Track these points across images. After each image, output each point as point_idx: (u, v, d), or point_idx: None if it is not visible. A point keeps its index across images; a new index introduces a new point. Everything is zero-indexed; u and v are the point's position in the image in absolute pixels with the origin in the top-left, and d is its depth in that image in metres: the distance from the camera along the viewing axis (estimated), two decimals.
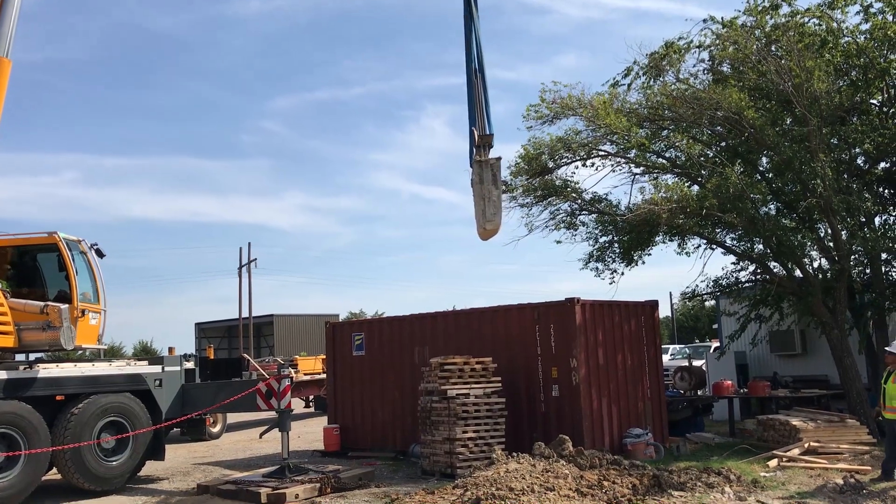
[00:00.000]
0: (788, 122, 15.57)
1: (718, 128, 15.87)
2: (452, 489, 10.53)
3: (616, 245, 18.11)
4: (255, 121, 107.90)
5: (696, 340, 49.03)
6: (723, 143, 16.22)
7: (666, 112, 15.99)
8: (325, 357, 33.47)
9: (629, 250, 18.06)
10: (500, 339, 14.50)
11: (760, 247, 16.03)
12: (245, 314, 51.28)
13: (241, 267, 52.41)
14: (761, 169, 16.41)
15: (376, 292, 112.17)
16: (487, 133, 10.56)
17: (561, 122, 15.83)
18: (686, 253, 18.46)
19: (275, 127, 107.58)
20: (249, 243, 59.05)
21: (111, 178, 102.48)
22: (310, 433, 22.03)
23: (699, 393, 19.16)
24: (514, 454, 11.73)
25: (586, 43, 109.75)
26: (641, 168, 15.90)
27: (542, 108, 15.31)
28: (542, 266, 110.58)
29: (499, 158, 10.45)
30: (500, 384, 13.43)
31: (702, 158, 14.97)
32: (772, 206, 15.34)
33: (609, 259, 18.45)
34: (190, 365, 14.69)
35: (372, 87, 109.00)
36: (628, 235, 17.41)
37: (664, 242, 18.37)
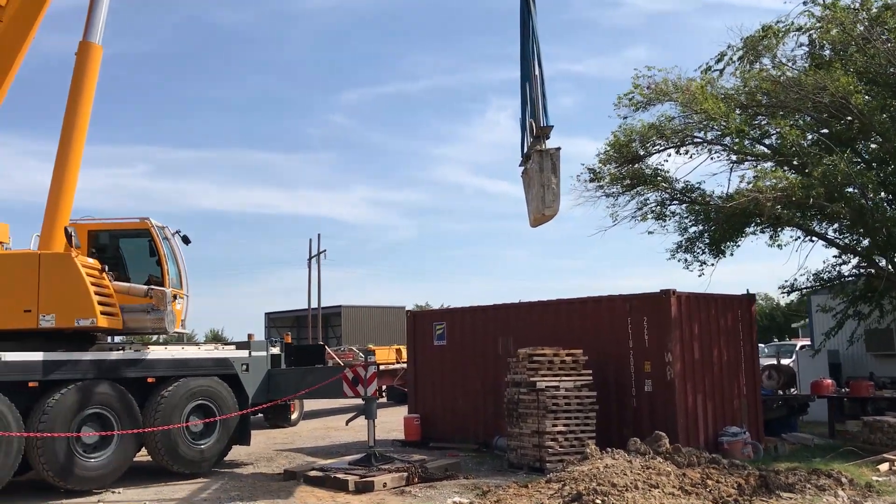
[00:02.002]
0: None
1: (822, 114, 15.09)
2: (547, 483, 10.23)
3: (706, 236, 17.50)
4: (321, 114, 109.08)
5: (775, 339, 47.48)
6: (824, 130, 15.42)
7: (763, 98, 15.31)
8: (398, 347, 33.54)
9: (718, 242, 17.43)
10: (589, 332, 14.07)
11: (866, 240, 15.21)
12: (314, 304, 51.67)
13: (310, 258, 52.83)
14: (866, 157, 15.58)
15: (438, 285, 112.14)
16: (547, 125, 10.67)
17: (653, 108, 15.30)
18: (778, 245, 17.73)
19: (340, 120, 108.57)
20: (319, 235, 59.51)
21: (181, 170, 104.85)
22: (386, 423, 21.91)
23: (790, 392, 18.39)
24: (609, 450, 11.34)
25: (657, 36, 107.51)
26: (738, 156, 15.20)
27: (635, 94, 14.78)
28: (604, 261, 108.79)
29: (558, 148, 10.55)
30: (590, 377, 13.03)
31: (802, 145, 14.19)
32: (880, 197, 14.51)
33: (698, 251, 17.86)
34: (276, 350, 14.68)
35: (437, 80, 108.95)
36: (718, 226, 16.78)
37: (755, 234, 17.69)
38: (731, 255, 18.06)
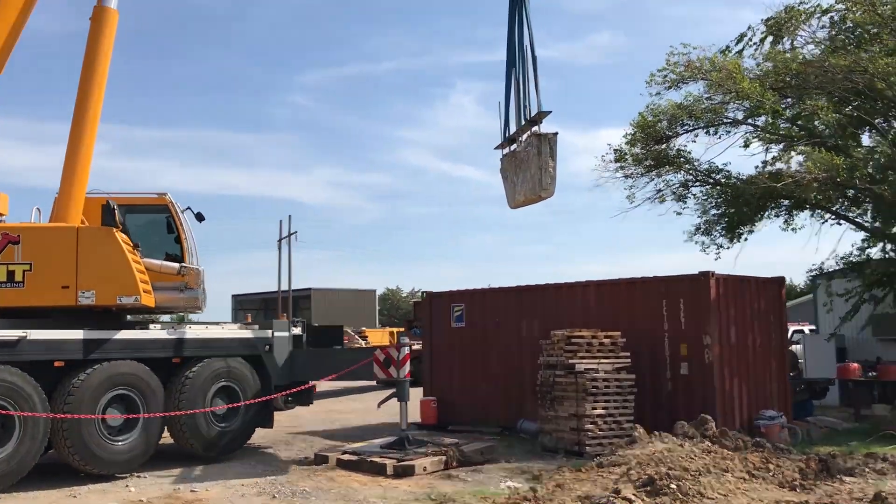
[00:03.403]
0: None
1: (849, 96, 14.96)
2: (603, 468, 9.94)
3: (724, 219, 17.37)
4: (285, 95, 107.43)
5: None
6: (854, 113, 15.30)
7: (792, 80, 15.14)
8: (392, 330, 33.11)
9: (736, 225, 17.33)
10: (622, 314, 13.80)
11: (890, 224, 15.16)
12: (284, 287, 50.92)
13: (280, 240, 51.92)
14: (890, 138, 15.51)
15: (404, 269, 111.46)
16: (544, 111, 10.82)
17: (684, 88, 15.04)
18: (793, 229, 17.70)
19: (304, 101, 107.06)
20: (290, 216, 58.71)
21: (141, 149, 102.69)
22: (391, 405, 21.57)
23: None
24: (657, 433, 11.13)
25: (621, 22, 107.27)
26: (772, 136, 15.02)
27: (668, 72, 14.49)
28: (570, 247, 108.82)
29: (556, 133, 10.72)
30: (629, 360, 12.80)
31: (842, 126, 14.05)
32: None
33: (716, 233, 17.74)
34: (297, 331, 14.20)
35: (402, 62, 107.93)
36: (738, 209, 16.67)
37: (769, 218, 17.63)
38: (746, 239, 18.02)
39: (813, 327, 22.61)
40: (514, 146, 11.76)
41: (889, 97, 13.78)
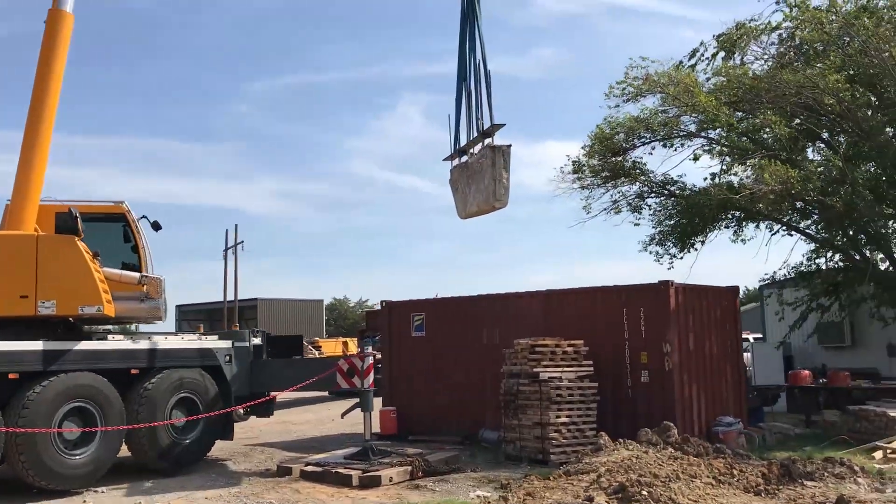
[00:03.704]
0: (875, 104, 15.15)
1: (800, 110, 15.41)
2: (571, 476, 10.00)
3: (678, 229, 17.74)
4: (230, 104, 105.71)
5: None
6: (802, 127, 15.76)
7: (744, 94, 15.54)
8: (345, 340, 32.85)
9: (688, 235, 17.71)
10: (583, 323, 13.93)
11: (837, 234, 15.65)
12: (231, 297, 50.00)
13: (226, 249, 50.90)
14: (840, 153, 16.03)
15: (351, 279, 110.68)
16: (498, 123, 11.12)
17: (642, 101, 15.34)
18: (742, 240, 18.17)
19: (250, 110, 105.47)
20: (236, 225, 57.44)
21: (81, 158, 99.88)
22: (337, 416, 21.38)
23: None
24: (622, 440, 11.26)
25: (564, 37, 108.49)
26: (727, 149, 15.40)
27: (627, 85, 14.75)
28: (516, 257, 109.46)
29: (510, 145, 10.96)
30: (591, 368, 12.94)
31: (793, 140, 14.48)
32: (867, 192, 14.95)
33: (669, 244, 18.10)
34: (258, 341, 14.00)
35: (349, 73, 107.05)
36: (690, 220, 17.04)
37: (719, 229, 18.06)
38: (697, 249, 18.42)
39: (758, 335, 23.16)
40: (464, 158, 12.00)
41: (838, 112, 14.24)
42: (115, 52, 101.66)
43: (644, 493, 8.49)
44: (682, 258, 18.23)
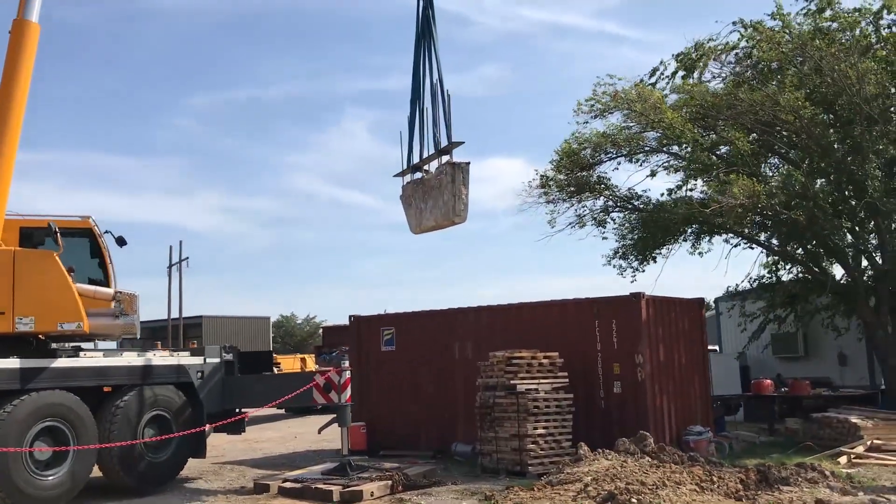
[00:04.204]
0: (831, 121, 15.73)
1: (759, 127, 15.91)
2: (555, 486, 10.10)
3: (640, 243, 18.10)
4: (170, 117, 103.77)
5: None
6: (758, 142, 16.27)
7: (706, 111, 16.00)
8: (303, 357, 32.53)
9: (646, 249, 18.10)
10: (554, 335, 14.09)
11: (796, 247, 16.17)
12: (175, 315, 49.10)
13: (170, 266, 50.02)
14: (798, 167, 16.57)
15: (296, 295, 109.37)
16: (457, 141, 11.46)
17: (610, 117, 15.67)
18: (699, 253, 18.62)
19: (189, 125, 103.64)
20: (181, 242, 55.79)
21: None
22: (304, 433, 21.19)
23: None
24: (600, 450, 11.44)
25: (508, 55, 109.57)
26: (691, 164, 15.81)
27: (595, 102, 15.07)
28: (459, 272, 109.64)
29: (468, 162, 11.34)
30: (566, 379, 13.09)
31: (755, 155, 14.96)
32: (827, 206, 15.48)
33: (632, 258, 18.45)
34: (229, 357, 13.82)
35: (291, 87, 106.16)
36: (649, 233, 17.44)
37: (677, 242, 18.50)
38: (656, 261, 18.82)
39: (713, 347, 23.71)
40: (416, 174, 12.34)
41: (797, 128, 14.75)
42: (44, 64, 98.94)
43: (633, 500, 8.65)
44: (643, 271, 18.63)
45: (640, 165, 16.46)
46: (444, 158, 11.60)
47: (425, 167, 12.12)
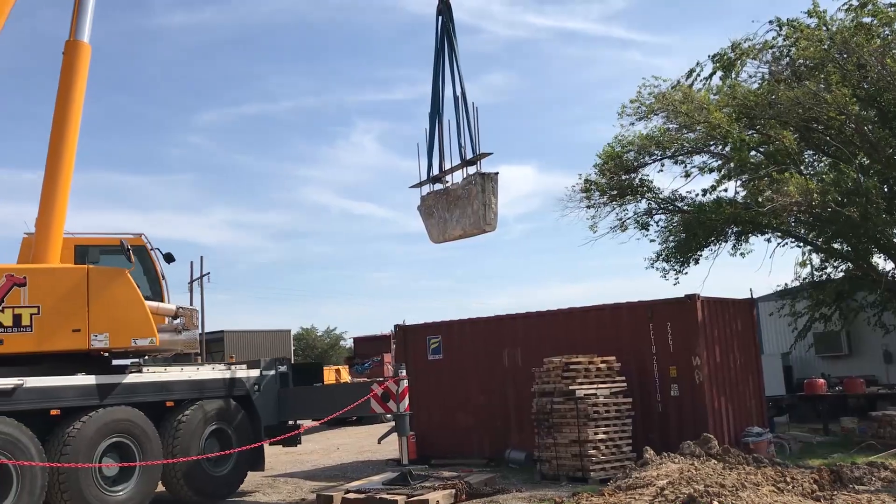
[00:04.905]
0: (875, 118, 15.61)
1: (804, 125, 15.80)
2: (623, 490, 10.01)
3: (682, 244, 18.01)
4: (180, 135, 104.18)
5: None
6: (804, 140, 16.15)
7: (752, 110, 15.90)
8: (338, 368, 32.48)
9: (688, 251, 18.00)
10: (607, 339, 14.02)
11: (844, 245, 16.03)
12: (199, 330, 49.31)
13: (192, 281, 50.23)
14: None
15: (311, 307, 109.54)
16: (485, 152, 11.74)
17: (651, 119, 15.62)
18: (741, 254, 18.48)
19: (200, 141, 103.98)
20: (202, 257, 56.33)
21: (28, 192, 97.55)
22: (345, 444, 21.19)
23: None
24: (666, 453, 11.34)
25: (515, 62, 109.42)
26: (739, 165, 15.71)
27: (639, 104, 15.03)
28: (470, 281, 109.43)
29: (497, 173, 11.64)
30: (625, 384, 13.01)
31: (804, 153, 14.88)
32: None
33: (674, 260, 18.35)
34: (283, 369, 13.84)
35: (301, 102, 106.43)
36: (690, 235, 17.36)
37: (718, 244, 18.38)
38: (696, 263, 18.71)
39: None
40: (437, 185, 12.60)
41: (843, 126, 14.64)
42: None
43: (715, 503, 8.55)
44: (686, 273, 18.52)
45: (685, 167, 16.38)
46: (471, 169, 11.88)
47: (446, 178, 12.40)
